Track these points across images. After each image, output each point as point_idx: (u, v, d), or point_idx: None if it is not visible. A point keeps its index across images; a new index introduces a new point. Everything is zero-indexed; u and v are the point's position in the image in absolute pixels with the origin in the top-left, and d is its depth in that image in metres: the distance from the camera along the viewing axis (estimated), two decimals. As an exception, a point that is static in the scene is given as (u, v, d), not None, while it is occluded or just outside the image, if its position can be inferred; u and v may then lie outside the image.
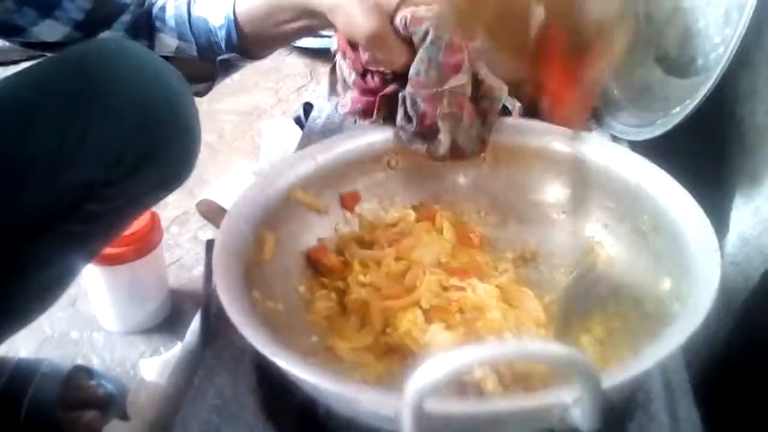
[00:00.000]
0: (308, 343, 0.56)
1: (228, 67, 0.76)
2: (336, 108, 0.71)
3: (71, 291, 1.01)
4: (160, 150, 0.62)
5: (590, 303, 0.61)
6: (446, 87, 0.64)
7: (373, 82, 0.67)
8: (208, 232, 1.10)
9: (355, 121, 0.70)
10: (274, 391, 0.60)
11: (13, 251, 0.62)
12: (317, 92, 1.39)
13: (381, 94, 0.67)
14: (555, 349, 0.40)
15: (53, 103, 0.58)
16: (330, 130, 0.87)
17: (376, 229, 0.66)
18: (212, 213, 1.07)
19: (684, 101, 0.74)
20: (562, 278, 0.65)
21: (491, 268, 0.65)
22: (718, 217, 0.70)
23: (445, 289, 0.61)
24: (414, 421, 0.37)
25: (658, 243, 0.61)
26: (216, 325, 0.67)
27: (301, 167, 0.64)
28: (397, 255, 0.63)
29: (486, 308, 0.59)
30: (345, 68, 0.70)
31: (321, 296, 0.60)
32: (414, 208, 0.69)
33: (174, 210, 1.16)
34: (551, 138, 0.69)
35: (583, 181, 0.66)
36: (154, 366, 0.89)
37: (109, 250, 0.87)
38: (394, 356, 0.58)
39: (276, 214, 0.60)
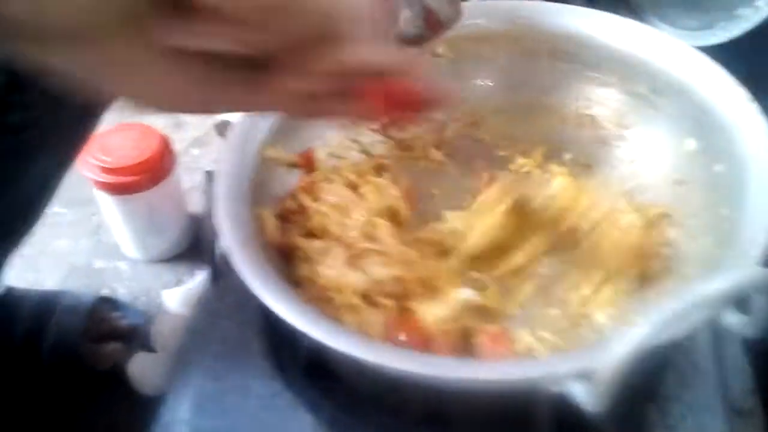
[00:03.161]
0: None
1: None
2: None
3: (93, 219, 1.00)
4: None
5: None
6: None
7: None
8: (230, 153, 1.05)
9: None
10: (280, 336, 0.57)
11: None
12: None
13: None
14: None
15: None
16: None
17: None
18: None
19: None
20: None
21: None
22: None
23: None
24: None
25: (664, 104, 0.57)
26: (220, 265, 0.64)
27: (263, 120, 0.59)
28: None
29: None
30: None
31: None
32: (383, 127, 0.64)
33: (194, 131, 1.11)
34: (520, 17, 0.64)
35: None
36: (176, 296, 0.88)
37: (120, 179, 0.84)
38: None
39: (261, 183, 0.56)
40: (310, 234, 0.55)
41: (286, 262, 0.55)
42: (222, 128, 1.07)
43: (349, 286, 0.50)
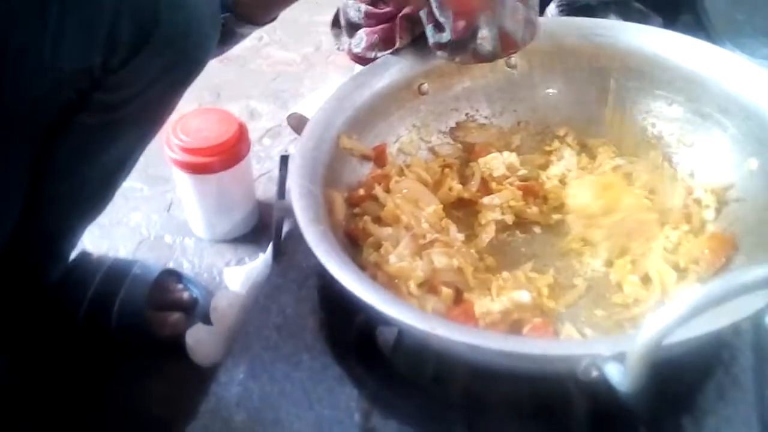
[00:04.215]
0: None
1: (229, 35, 0.71)
2: (349, 51, 0.68)
3: (167, 197, 1.06)
4: (154, 29, 0.60)
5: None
6: None
7: (387, 6, 0.63)
8: (299, 147, 1.09)
9: (375, 56, 0.66)
10: (335, 315, 0.60)
11: (43, 149, 0.65)
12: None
13: (401, 14, 0.63)
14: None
15: None
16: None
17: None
18: (302, 127, 1.06)
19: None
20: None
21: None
22: None
23: None
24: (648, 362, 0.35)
25: (730, 124, 0.58)
26: (284, 244, 0.68)
27: (343, 112, 0.63)
28: None
29: None
30: (350, 7, 0.66)
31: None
32: (452, 131, 0.67)
33: (267, 122, 1.16)
34: (595, 34, 0.66)
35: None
36: (236, 275, 0.91)
37: (197, 159, 0.89)
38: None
39: (334, 169, 0.59)
40: (380, 221, 0.58)
41: (352, 246, 0.58)
42: (294, 121, 1.11)
43: (414, 275, 0.53)
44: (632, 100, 0.65)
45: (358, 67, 1.15)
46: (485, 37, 0.60)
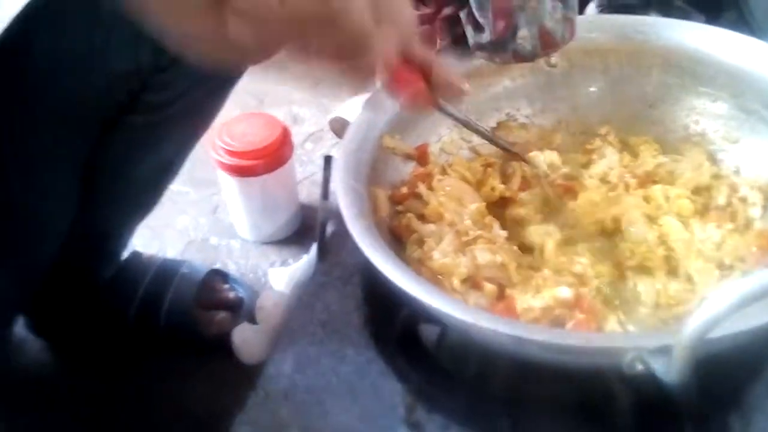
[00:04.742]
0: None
1: None
2: None
3: (213, 200, 1.08)
4: None
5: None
6: None
7: (428, 8, 0.64)
8: (341, 150, 1.11)
9: None
10: (379, 311, 0.61)
11: (96, 148, 0.67)
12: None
13: (440, 17, 0.63)
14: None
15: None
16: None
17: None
18: (344, 131, 1.07)
19: None
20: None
21: None
22: None
23: None
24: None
25: None
26: (329, 243, 0.69)
27: (385, 112, 0.63)
28: None
29: None
30: None
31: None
32: (493, 130, 0.67)
33: (310, 126, 1.18)
34: (636, 31, 0.65)
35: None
36: (281, 276, 0.93)
37: (241, 163, 0.92)
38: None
39: (377, 168, 0.60)
40: (423, 219, 0.59)
41: (395, 243, 0.59)
42: (335, 125, 1.13)
43: (457, 271, 0.54)
44: (675, 98, 0.64)
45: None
46: (525, 36, 0.61)
